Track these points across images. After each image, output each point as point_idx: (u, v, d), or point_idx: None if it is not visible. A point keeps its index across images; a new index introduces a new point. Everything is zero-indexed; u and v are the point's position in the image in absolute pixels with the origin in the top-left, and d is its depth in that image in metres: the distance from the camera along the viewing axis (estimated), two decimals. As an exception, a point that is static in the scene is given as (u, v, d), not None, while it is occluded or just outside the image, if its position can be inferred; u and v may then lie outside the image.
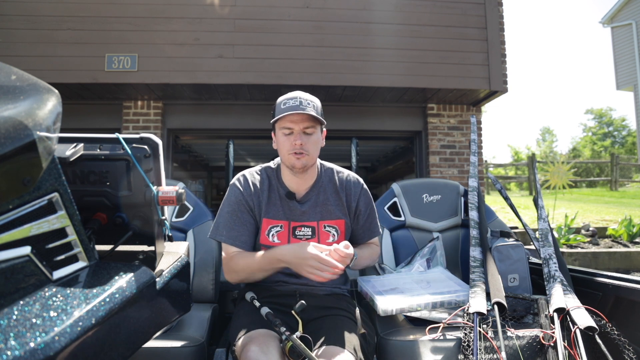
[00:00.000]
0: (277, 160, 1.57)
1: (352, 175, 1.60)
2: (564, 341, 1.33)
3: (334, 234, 1.52)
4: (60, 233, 0.74)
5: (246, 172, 1.56)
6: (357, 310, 1.47)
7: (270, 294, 1.48)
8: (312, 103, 1.43)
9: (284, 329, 1.20)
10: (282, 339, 1.17)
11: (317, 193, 1.53)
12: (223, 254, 1.50)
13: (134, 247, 1.00)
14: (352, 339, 1.26)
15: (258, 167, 1.58)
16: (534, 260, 1.98)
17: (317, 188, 1.54)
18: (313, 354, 1.11)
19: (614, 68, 15.86)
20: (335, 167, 1.61)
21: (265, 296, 1.47)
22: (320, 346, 1.22)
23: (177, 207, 2.08)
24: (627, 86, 15.45)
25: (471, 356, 1.31)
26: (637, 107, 15.12)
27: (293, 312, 1.29)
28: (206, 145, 6.26)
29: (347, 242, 1.36)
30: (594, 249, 4.44)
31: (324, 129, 1.53)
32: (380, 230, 1.66)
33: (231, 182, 1.55)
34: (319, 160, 1.58)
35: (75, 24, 3.75)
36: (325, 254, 1.30)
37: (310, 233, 1.50)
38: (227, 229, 1.47)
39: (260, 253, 1.42)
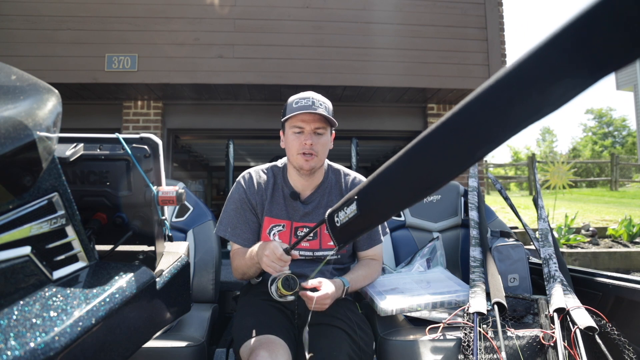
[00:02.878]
0: (284, 159, 1.56)
1: (359, 178, 1.59)
2: (564, 341, 1.33)
3: (335, 280, 1.46)
4: (60, 233, 0.74)
5: (252, 170, 1.56)
6: (355, 316, 1.45)
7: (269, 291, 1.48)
8: (325, 104, 1.42)
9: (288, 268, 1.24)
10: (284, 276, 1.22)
11: (321, 194, 1.52)
12: (230, 248, 1.54)
13: (134, 247, 1.00)
14: (338, 356, 1.23)
15: (265, 166, 1.58)
16: (534, 260, 1.98)
17: (323, 189, 1.53)
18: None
19: (614, 68, 15.84)
20: (343, 170, 1.60)
21: (266, 292, 1.47)
22: None
23: (177, 207, 2.08)
24: (627, 86, 15.45)
25: (471, 356, 1.31)
26: (637, 107, 15.12)
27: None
28: (206, 145, 6.25)
29: (321, 281, 1.31)
30: (594, 249, 4.44)
31: (333, 132, 1.51)
32: (382, 238, 1.59)
33: (237, 180, 1.56)
34: (327, 161, 1.58)
35: (75, 24, 3.75)
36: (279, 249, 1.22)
37: (311, 235, 1.50)
38: (231, 226, 1.50)
39: (249, 251, 1.42)
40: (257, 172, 1.55)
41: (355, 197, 0.82)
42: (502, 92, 0.52)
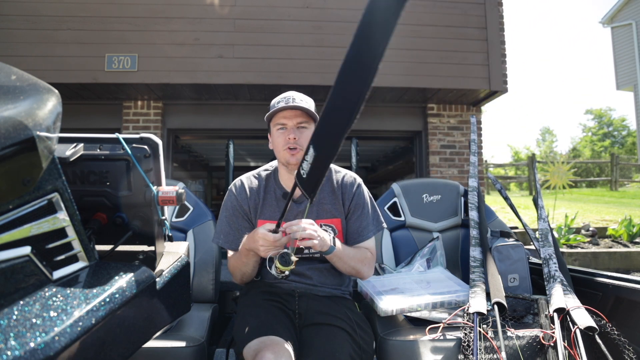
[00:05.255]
0: (275, 162, 1.58)
1: (350, 175, 1.59)
2: (564, 341, 1.33)
3: (330, 233, 1.51)
4: (60, 233, 0.74)
5: (243, 176, 1.59)
6: (355, 316, 1.45)
7: (271, 290, 1.48)
8: (305, 100, 1.46)
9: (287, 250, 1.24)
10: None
11: None
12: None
13: (134, 247, 1.00)
14: (340, 356, 1.23)
15: (256, 171, 1.60)
16: (534, 260, 1.98)
17: None
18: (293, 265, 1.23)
19: (614, 68, 15.86)
20: (334, 167, 1.59)
21: (266, 292, 1.47)
22: None
23: (177, 207, 2.08)
24: (627, 86, 15.45)
25: (471, 356, 1.31)
26: (637, 107, 15.12)
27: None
28: (206, 145, 6.26)
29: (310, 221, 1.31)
30: (594, 249, 4.43)
31: None
32: (371, 235, 1.54)
33: (229, 188, 1.57)
34: None
35: (75, 24, 3.75)
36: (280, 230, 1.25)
37: None
38: (225, 233, 1.52)
39: (239, 249, 1.43)
40: (249, 177, 1.57)
41: (311, 143, 1.00)
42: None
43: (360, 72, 0.85)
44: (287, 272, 1.24)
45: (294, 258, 1.23)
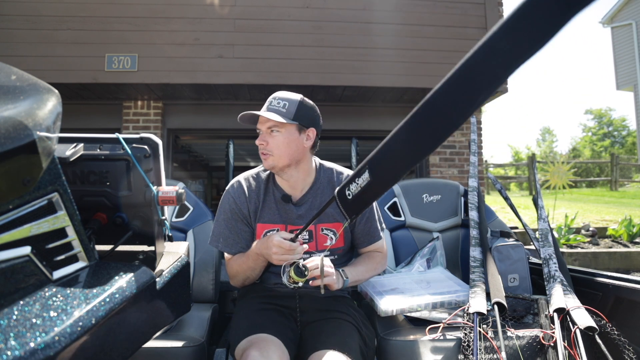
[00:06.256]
0: None
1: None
2: (564, 341, 1.33)
3: (331, 237, 1.49)
4: (60, 233, 0.74)
5: (241, 177, 1.53)
6: (358, 313, 1.46)
7: (269, 294, 1.48)
8: (284, 102, 1.38)
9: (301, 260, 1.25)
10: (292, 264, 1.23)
11: (314, 195, 1.49)
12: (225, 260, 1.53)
13: (134, 247, 1.00)
14: (351, 343, 1.25)
15: (255, 171, 1.55)
16: (534, 260, 1.98)
17: (315, 190, 1.49)
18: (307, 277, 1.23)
19: (614, 68, 15.86)
20: (337, 168, 1.56)
21: (264, 296, 1.47)
22: (319, 350, 1.21)
23: (177, 207, 2.08)
24: (627, 86, 15.45)
25: (471, 356, 1.31)
26: (637, 107, 15.12)
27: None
28: (206, 145, 6.26)
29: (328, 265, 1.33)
30: (594, 249, 4.43)
31: (313, 129, 1.43)
32: (382, 235, 1.59)
33: (226, 189, 1.53)
34: (318, 161, 1.55)
35: (75, 24, 3.75)
36: (291, 239, 1.25)
37: (307, 236, 1.48)
38: (224, 237, 1.48)
39: (247, 253, 1.42)
40: (247, 178, 1.52)
41: (367, 166, 0.88)
42: (501, 39, 0.60)
43: (463, 101, 0.67)
44: (300, 284, 1.22)
45: (308, 271, 1.22)
